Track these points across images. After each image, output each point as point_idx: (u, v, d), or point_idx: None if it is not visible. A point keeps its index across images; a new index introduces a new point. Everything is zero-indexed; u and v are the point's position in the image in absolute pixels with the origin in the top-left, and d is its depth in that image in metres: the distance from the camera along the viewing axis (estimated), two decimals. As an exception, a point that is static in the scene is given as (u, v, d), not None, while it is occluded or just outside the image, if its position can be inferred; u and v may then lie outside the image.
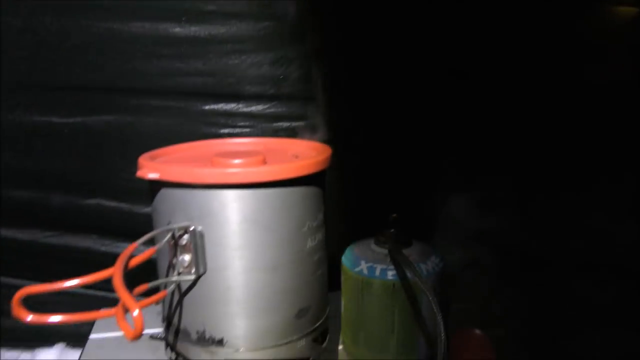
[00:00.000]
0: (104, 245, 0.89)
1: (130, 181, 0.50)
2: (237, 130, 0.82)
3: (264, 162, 0.51)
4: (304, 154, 0.55)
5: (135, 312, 0.36)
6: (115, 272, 0.39)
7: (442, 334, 0.49)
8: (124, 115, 0.82)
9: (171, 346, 0.54)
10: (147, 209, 0.79)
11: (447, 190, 1.18)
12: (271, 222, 0.48)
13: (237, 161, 0.49)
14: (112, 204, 0.86)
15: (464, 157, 1.12)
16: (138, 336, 0.36)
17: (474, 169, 1.13)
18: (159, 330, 0.62)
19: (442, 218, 1.13)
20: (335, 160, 0.86)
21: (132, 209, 0.85)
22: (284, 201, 0.48)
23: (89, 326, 0.78)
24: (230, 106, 0.81)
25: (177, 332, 0.52)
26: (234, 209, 0.47)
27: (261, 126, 0.82)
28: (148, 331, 0.75)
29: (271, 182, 0.47)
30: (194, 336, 0.50)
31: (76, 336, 0.93)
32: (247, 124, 0.82)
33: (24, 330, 0.95)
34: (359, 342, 0.66)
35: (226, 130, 0.82)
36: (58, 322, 0.39)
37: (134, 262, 0.43)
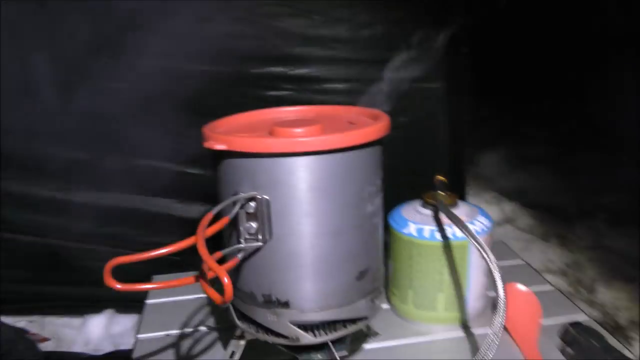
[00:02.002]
0: None
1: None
2: (283, 92, 0.83)
3: (323, 129, 0.52)
4: (359, 120, 0.56)
5: (226, 280, 0.38)
6: (198, 241, 0.41)
7: (501, 291, 0.51)
8: (173, 80, 0.82)
9: (238, 309, 0.56)
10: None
11: (479, 148, 1.18)
12: (334, 188, 0.49)
13: (299, 130, 0.50)
14: (177, 168, 0.89)
15: (497, 116, 1.11)
16: (229, 301, 0.38)
17: (507, 128, 1.12)
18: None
19: (474, 176, 1.14)
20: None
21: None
22: (345, 167, 0.49)
23: (135, 293, 0.81)
24: (276, 69, 0.82)
25: (242, 295, 0.54)
26: (298, 177, 0.48)
27: (305, 88, 0.83)
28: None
29: (334, 150, 0.48)
30: (260, 299, 0.53)
31: (124, 302, 0.96)
32: (291, 86, 0.83)
33: (74, 298, 0.99)
34: (407, 301, 0.69)
35: (273, 93, 0.83)
36: (146, 289, 0.42)
37: (210, 231, 0.44)
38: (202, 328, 0.71)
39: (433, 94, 0.85)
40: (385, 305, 0.74)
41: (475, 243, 0.54)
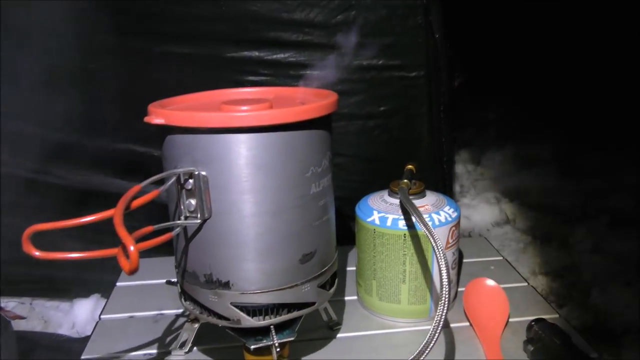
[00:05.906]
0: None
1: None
2: (260, 78, 0.82)
3: (270, 108, 0.51)
4: (310, 101, 0.55)
5: (131, 248, 0.37)
6: (115, 212, 0.41)
7: (446, 283, 0.49)
8: (148, 61, 0.82)
9: (182, 289, 0.55)
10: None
11: (481, 147, 1.15)
12: (274, 166, 0.48)
13: (242, 107, 0.49)
14: (142, 149, 0.88)
15: (501, 114, 1.08)
16: (134, 270, 0.37)
17: (511, 126, 1.09)
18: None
19: (474, 175, 1.11)
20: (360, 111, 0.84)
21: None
22: (286, 146, 0.48)
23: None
24: (252, 54, 0.81)
25: (186, 275, 0.53)
26: (236, 153, 0.47)
27: (282, 74, 0.82)
28: (170, 279, 0.78)
29: (274, 126, 0.47)
30: (201, 279, 0.52)
31: (110, 287, 0.97)
32: (268, 72, 0.82)
33: (62, 282, 1.00)
34: (371, 292, 0.67)
35: (249, 78, 0.82)
36: (63, 258, 0.41)
37: (137, 203, 0.44)
38: (165, 311, 0.70)
39: (413, 83, 0.82)
40: (353, 297, 0.73)
41: (425, 229, 0.52)
